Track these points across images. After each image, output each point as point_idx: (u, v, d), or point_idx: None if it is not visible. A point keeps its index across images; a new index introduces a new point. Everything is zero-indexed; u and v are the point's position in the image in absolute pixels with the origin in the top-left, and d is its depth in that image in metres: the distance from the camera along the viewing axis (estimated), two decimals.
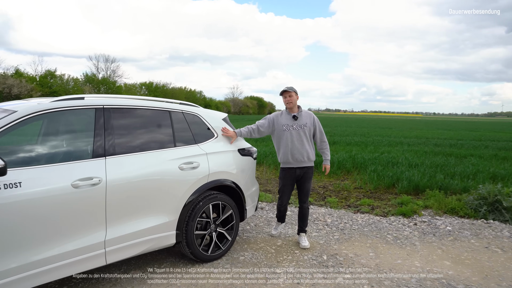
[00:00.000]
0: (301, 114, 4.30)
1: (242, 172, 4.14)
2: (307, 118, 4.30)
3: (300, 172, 4.32)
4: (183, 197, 3.55)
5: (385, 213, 5.93)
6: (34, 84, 37.51)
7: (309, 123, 4.28)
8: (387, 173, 8.06)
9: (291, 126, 4.26)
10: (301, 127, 4.24)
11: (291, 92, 4.23)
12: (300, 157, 4.24)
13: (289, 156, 4.26)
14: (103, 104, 3.23)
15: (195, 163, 3.64)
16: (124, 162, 3.18)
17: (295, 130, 4.24)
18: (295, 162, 4.28)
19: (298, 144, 4.23)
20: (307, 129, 4.26)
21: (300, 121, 4.26)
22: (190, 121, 3.86)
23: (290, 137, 4.23)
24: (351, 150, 12.95)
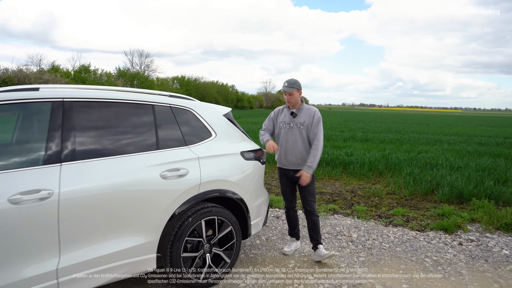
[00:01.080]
0: (301, 111, 3.71)
1: (245, 180, 3.41)
2: (307, 115, 3.68)
3: (293, 173, 3.78)
4: (166, 212, 2.86)
5: (422, 226, 5.03)
6: (69, 78, 38.33)
7: (307, 122, 3.67)
8: (425, 177, 7.08)
9: (287, 124, 3.73)
10: (297, 125, 3.68)
11: (290, 90, 3.63)
12: (294, 159, 3.72)
13: (282, 157, 3.80)
14: (62, 97, 2.58)
15: (183, 170, 2.94)
16: (87, 169, 2.52)
17: (291, 128, 3.71)
18: (288, 164, 3.78)
19: (292, 145, 3.70)
20: (304, 129, 3.67)
21: (298, 118, 3.69)
22: (180, 118, 3.16)
23: (285, 136, 3.73)
24: (385, 148, 11.92)
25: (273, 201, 5.91)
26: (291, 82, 3.64)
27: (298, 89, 3.66)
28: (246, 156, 3.45)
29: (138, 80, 51.80)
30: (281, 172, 3.90)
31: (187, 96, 3.42)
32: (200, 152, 3.13)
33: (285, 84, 3.66)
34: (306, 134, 3.66)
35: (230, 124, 3.51)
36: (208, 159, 3.15)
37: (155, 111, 3.02)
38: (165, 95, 3.28)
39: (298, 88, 3.65)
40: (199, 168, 3.05)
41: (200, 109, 3.33)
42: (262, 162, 3.64)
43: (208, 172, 3.10)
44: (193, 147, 3.12)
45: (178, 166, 2.93)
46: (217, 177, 3.16)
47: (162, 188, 2.82)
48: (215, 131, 3.33)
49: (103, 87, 3.03)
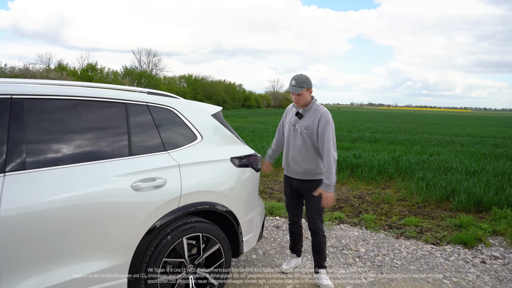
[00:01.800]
0: (307, 112, 3.16)
1: (235, 190, 2.95)
2: (312, 118, 3.11)
3: (299, 184, 3.27)
4: (139, 230, 2.41)
5: (438, 239, 4.53)
6: (75, 77, 38.18)
7: (311, 126, 3.09)
8: (439, 182, 6.55)
9: (293, 125, 3.25)
10: (301, 129, 3.15)
11: (298, 90, 3.06)
12: (296, 167, 3.22)
13: (285, 162, 3.36)
14: (11, 93, 2.15)
15: (160, 180, 2.49)
16: (38, 181, 2.08)
17: (295, 131, 3.21)
18: (291, 172, 3.31)
19: (295, 151, 3.20)
20: (308, 134, 3.11)
21: (303, 121, 3.16)
22: (158, 118, 2.71)
23: (289, 140, 3.27)
24: (395, 150, 11.38)
25: (273, 208, 5.45)
26: (299, 80, 3.05)
27: (308, 88, 3.08)
28: (237, 163, 2.99)
29: (145, 78, 51.63)
30: (285, 180, 3.44)
31: (169, 93, 2.97)
32: (182, 158, 2.68)
33: (292, 83, 3.06)
34: (310, 141, 3.10)
35: (220, 126, 3.05)
36: (191, 167, 2.70)
37: (128, 110, 2.57)
38: (142, 91, 2.83)
39: (307, 87, 3.07)
40: (179, 177, 2.60)
41: (184, 108, 2.88)
42: (257, 169, 3.18)
43: (191, 182, 2.65)
44: (173, 153, 2.67)
45: (154, 175, 2.49)
46: (202, 187, 2.71)
47: (133, 201, 2.37)
48: (201, 134, 2.88)
49: (66, 82, 2.60)
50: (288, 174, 3.35)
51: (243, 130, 17.46)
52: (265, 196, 6.37)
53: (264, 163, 3.56)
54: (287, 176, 3.39)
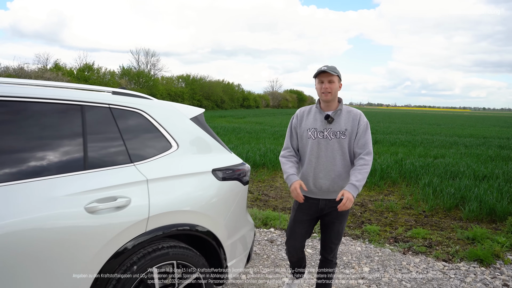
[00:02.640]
0: (339, 114, 2.59)
1: (218, 208, 2.49)
2: (349, 120, 2.58)
3: (325, 205, 2.65)
4: (95, 261, 1.95)
5: (450, 255, 4.07)
6: (71, 77, 37.66)
7: (350, 129, 2.57)
8: (447, 189, 6.10)
9: (320, 132, 2.59)
10: (336, 135, 2.56)
11: (332, 75, 2.51)
12: (328, 184, 2.59)
13: (310, 180, 2.63)
14: None
15: (122, 199, 2.02)
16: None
17: (325, 139, 2.58)
18: (318, 191, 2.64)
19: (327, 163, 2.59)
20: (346, 140, 2.56)
21: (337, 124, 2.57)
22: (124, 123, 2.25)
23: (316, 150, 2.59)
24: (397, 152, 10.93)
25: (268, 218, 4.99)
26: (331, 67, 2.54)
27: (340, 79, 2.58)
28: (220, 175, 2.52)
29: (143, 78, 51.11)
30: (306, 204, 2.66)
31: (140, 93, 2.51)
32: (151, 171, 2.21)
33: (324, 68, 2.52)
34: (348, 148, 2.57)
35: (200, 131, 2.59)
36: (163, 182, 2.24)
37: (84, 114, 2.10)
38: (105, 91, 2.37)
39: (340, 77, 2.57)
40: (147, 195, 2.14)
41: (156, 111, 2.41)
42: (245, 182, 2.71)
43: (162, 201, 2.19)
44: (141, 165, 2.21)
45: (114, 193, 2.02)
46: (176, 206, 2.24)
47: (87, 227, 1.91)
48: (177, 141, 2.41)
49: (10, 80, 2.14)
50: (311, 196, 2.65)
51: (240, 131, 17.00)
52: (259, 204, 5.91)
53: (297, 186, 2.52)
54: (310, 199, 2.65)
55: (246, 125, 22.18)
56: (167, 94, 51.15)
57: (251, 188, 6.86)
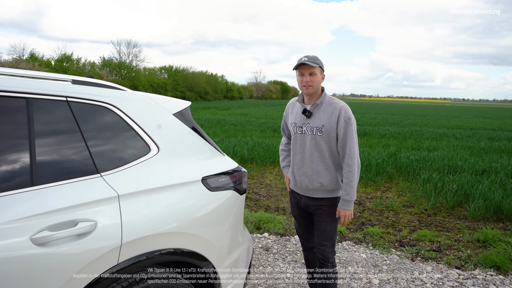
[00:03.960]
0: (318, 108, 2.36)
1: (211, 226, 2.02)
2: (327, 115, 2.33)
3: (308, 203, 2.51)
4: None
5: (462, 260, 3.71)
6: (49, 68, 36.24)
7: (328, 125, 2.31)
8: (449, 185, 5.76)
9: (299, 127, 2.44)
10: (312, 131, 2.36)
11: (313, 67, 2.29)
12: (306, 181, 2.45)
13: (293, 175, 2.57)
14: None
15: (84, 224, 1.53)
16: None
17: (303, 135, 2.41)
18: (299, 187, 2.53)
19: (305, 160, 2.44)
20: (323, 137, 2.33)
21: (314, 120, 2.36)
22: (87, 121, 1.75)
23: (298, 146, 2.47)
24: (388, 144, 10.62)
25: (261, 221, 4.54)
26: (312, 57, 2.31)
27: (322, 70, 2.36)
28: (212, 184, 2.04)
29: (124, 69, 49.77)
30: (292, 197, 2.66)
31: (109, 83, 1.99)
32: (124, 184, 1.72)
33: (304, 59, 2.29)
34: (327, 146, 2.35)
35: (186, 130, 2.10)
36: (140, 197, 1.75)
37: (31, 110, 1.58)
38: (63, 79, 1.85)
39: (322, 69, 2.35)
40: (119, 215, 1.64)
41: (130, 105, 1.91)
42: (242, 191, 2.24)
43: (139, 222, 1.70)
44: (110, 176, 1.71)
45: (74, 216, 1.53)
46: (157, 228, 1.76)
47: (35, 264, 1.42)
48: (157, 143, 1.92)
49: None
50: (296, 190, 2.58)
51: (225, 124, 16.47)
52: (250, 204, 5.45)
53: (286, 180, 2.71)
54: (293, 193, 2.62)
55: (231, 117, 21.65)
56: (149, 86, 50.04)
57: None
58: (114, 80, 45.31)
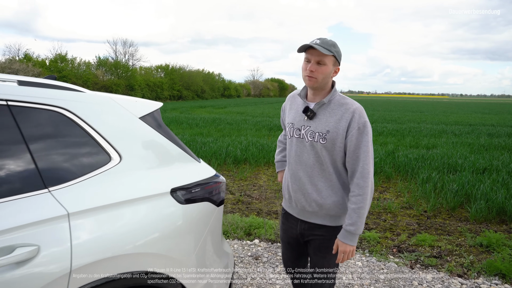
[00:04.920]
0: (325, 107, 1.81)
1: (181, 244, 1.78)
2: (335, 117, 1.78)
3: (304, 231, 1.97)
4: None
5: (464, 267, 3.49)
6: (43, 68, 35.88)
7: (334, 130, 1.77)
8: (449, 185, 5.54)
9: (297, 129, 1.88)
10: (314, 137, 1.81)
11: (324, 55, 1.73)
12: (303, 200, 1.91)
13: (287, 189, 2.02)
14: None
15: (24, 250, 1.29)
16: None
17: (301, 140, 1.87)
18: (294, 208, 2.00)
19: (302, 173, 1.89)
20: (327, 146, 1.79)
21: (319, 122, 1.81)
22: (32, 127, 1.51)
23: (293, 153, 1.92)
24: (386, 142, 10.40)
25: (251, 227, 4.31)
26: (327, 42, 1.74)
27: (336, 61, 1.79)
28: (183, 197, 1.80)
29: (120, 69, 49.38)
30: (283, 217, 2.12)
31: (65, 84, 1.74)
32: (77, 200, 1.48)
33: (316, 41, 1.75)
34: (330, 158, 1.81)
35: (155, 135, 1.85)
36: (95, 215, 1.51)
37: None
38: (8, 80, 1.61)
39: (337, 58, 1.78)
40: (68, 237, 1.41)
41: (87, 108, 1.66)
42: (219, 201, 1.99)
43: (93, 244, 1.46)
44: (60, 191, 1.47)
45: (12, 240, 1.29)
46: (115, 250, 1.52)
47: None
48: (119, 151, 1.67)
49: None
50: (290, 211, 2.04)
51: (220, 122, 16.23)
52: (241, 207, 5.22)
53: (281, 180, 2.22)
54: (287, 215, 2.07)
55: (227, 116, 21.39)
56: (145, 85, 49.73)
57: (232, 188, 6.16)
58: (110, 80, 44.98)
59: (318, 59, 1.74)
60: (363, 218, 1.76)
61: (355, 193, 1.75)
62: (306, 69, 1.76)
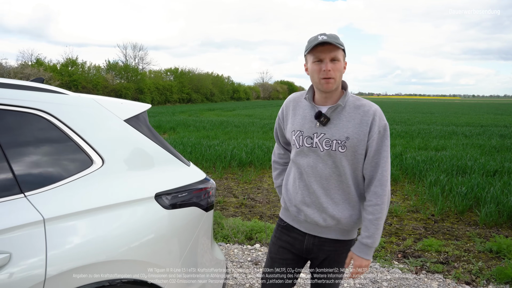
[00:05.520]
0: (340, 112, 1.64)
1: (167, 252, 1.70)
2: (355, 122, 1.61)
3: (312, 244, 1.76)
4: None
5: (472, 274, 3.36)
6: (53, 73, 36.30)
7: (355, 136, 1.60)
8: (457, 188, 5.38)
9: (308, 137, 1.67)
10: (331, 145, 1.62)
11: (337, 48, 1.56)
12: (317, 214, 1.69)
13: (288, 202, 1.79)
14: None
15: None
16: None
17: (315, 150, 1.66)
18: (303, 222, 1.76)
19: (316, 186, 1.68)
20: (348, 154, 1.61)
21: (335, 128, 1.63)
22: (8, 131, 1.45)
23: (302, 164, 1.70)
24: (395, 144, 10.23)
25: (253, 231, 4.23)
26: (334, 36, 1.58)
27: (344, 55, 1.63)
28: (168, 201, 1.72)
29: (130, 72, 49.77)
30: (283, 233, 1.84)
31: (47, 86, 1.69)
32: (54, 205, 1.42)
33: (323, 37, 1.55)
34: (351, 167, 1.65)
35: (140, 137, 1.78)
36: (73, 220, 1.44)
37: None
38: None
39: (345, 53, 1.63)
40: (43, 244, 1.34)
41: (68, 111, 1.60)
42: (207, 206, 1.91)
43: (71, 251, 1.40)
44: (37, 196, 1.41)
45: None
46: (95, 257, 1.45)
47: None
48: (101, 155, 1.61)
49: None
50: (295, 225, 1.80)
51: (228, 125, 16.19)
52: (244, 211, 5.14)
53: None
54: (289, 228, 1.82)
55: (235, 118, 21.36)
56: (155, 88, 50.01)
57: (236, 191, 6.08)
58: (120, 84, 45.36)
59: (332, 55, 1.56)
60: (380, 229, 1.62)
61: (373, 203, 1.61)
62: (321, 71, 1.56)
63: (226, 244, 3.94)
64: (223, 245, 3.92)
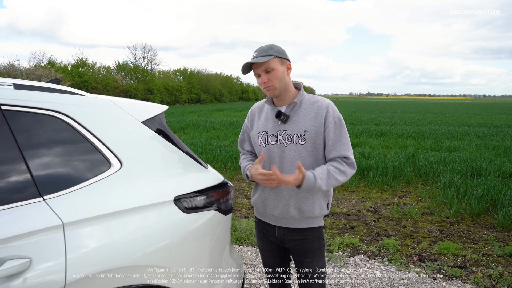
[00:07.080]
0: (297, 109, 1.80)
1: (185, 256, 1.68)
2: (311, 115, 1.77)
3: (285, 236, 1.88)
4: None
5: (492, 280, 3.28)
6: (64, 74, 36.68)
7: (313, 129, 1.75)
8: (473, 190, 5.28)
9: (272, 135, 1.82)
10: (292, 139, 1.77)
11: (263, 63, 1.73)
12: (280, 206, 1.82)
13: (260, 201, 1.91)
14: None
15: (14, 263, 1.21)
16: None
17: (279, 146, 1.80)
18: (271, 216, 1.90)
19: None
20: (308, 146, 1.77)
21: (294, 124, 1.78)
22: (26, 133, 1.44)
23: (269, 162, 1.83)
24: (406, 145, 10.11)
25: (253, 228, 4.18)
26: (263, 49, 1.75)
27: (282, 58, 1.77)
28: (187, 205, 1.70)
29: (139, 73, 50.10)
30: (259, 227, 2.01)
31: (65, 87, 1.68)
32: (73, 209, 1.40)
33: (254, 55, 1.76)
34: (312, 157, 1.77)
35: (159, 140, 1.76)
36: (93, 225, 1.42)
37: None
38: (4, 83, 1.55)
39: (281, 57, 1.76)
40: (63, 249, 1.33)
41: (86, 112, 1.58)
42: (227, 210, 1.89)
43: (90, 256, 1.38)
44: (56, 199, 1.39)
45: (2, 253, 1.22)
46: (114, 262, 1.43)
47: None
48: (119, 157, 1.59)
49: None
50: (264, 219, 1.95)
51: (238, 126, 16.19)
52: (250, 212, 5.10)
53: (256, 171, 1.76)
54: (261, 223, 1.98)
55: (243, 119, 21.34)
56: (164, 89, 50.27)
57: (247, 193, 6.05)
58: (129, 84, 45.69)
59: (263, 68, 1.74)
60: (329, 182, 1.70)
61: (338, 166, 1.73)
62: (261, 83, 1.77)
63: (239, 246, 3.91)
64: (236, 247, 3.89)
